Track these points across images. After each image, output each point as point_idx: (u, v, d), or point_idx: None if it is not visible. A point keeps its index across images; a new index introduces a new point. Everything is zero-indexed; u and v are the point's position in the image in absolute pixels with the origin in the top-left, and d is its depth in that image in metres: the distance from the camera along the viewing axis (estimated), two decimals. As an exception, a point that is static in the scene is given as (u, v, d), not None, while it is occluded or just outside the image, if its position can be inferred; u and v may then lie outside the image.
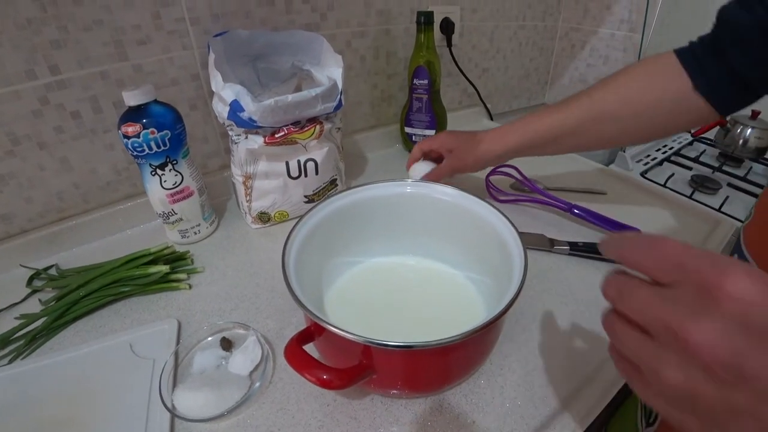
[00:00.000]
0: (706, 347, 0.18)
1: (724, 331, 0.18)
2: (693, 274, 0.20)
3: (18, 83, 0.53)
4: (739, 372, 0.18)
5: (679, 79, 0.47)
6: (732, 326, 0.18)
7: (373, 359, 0.34)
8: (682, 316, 0.19)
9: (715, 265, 0.19)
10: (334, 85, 0.58)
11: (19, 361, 0.46)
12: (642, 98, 0.49)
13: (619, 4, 1.02)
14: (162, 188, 0.57)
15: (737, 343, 0.18)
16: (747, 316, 0.18)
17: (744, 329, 0.18)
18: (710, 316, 0.19)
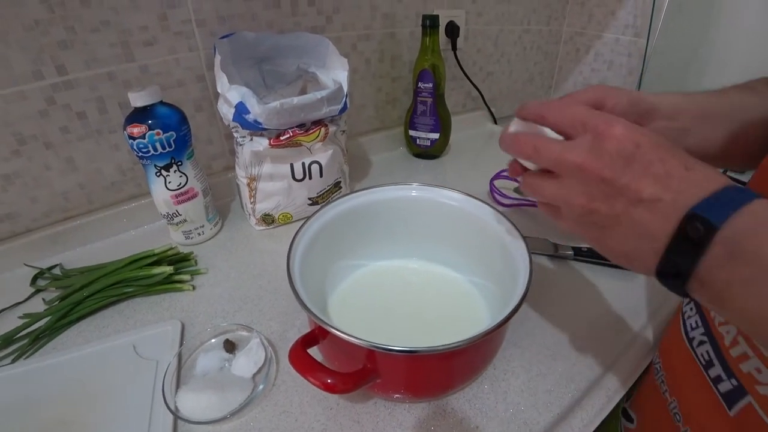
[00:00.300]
0: (598, 171, 0.27)
1: (603, 160, 0.27)
2: (591, 127, 0.28)
3: (25, 83, 0.54)
4: (617, 185, 0.27)
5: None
6: (613, 157, 0.27)
7: (378, 364, 0.34)
8: (583, 152, 0.28)
9: (605, 120, 0.28)
10: (340, 88, 0.58)
11: (22, 360, 0.46)
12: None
13: (624, 9, 1.02)
14: (167, 189, 0.57)
15: (616, 165, 0.27)
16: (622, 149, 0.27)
17: (619, 157, 0.27)
18: (600, 154, 0.27)
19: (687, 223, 0.24)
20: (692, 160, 0.26)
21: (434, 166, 0.88)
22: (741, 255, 0.22)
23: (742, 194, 0.24)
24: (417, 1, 0.84)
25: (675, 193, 0.25)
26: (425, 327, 0.46)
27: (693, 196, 0.24)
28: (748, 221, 0.23)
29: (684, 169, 0.26)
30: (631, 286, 0.55)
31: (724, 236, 0.23)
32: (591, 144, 0.28)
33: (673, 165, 0.26)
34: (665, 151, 0.26)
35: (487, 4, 0.96)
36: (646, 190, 0.26)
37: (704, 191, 0.24)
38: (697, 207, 0.24)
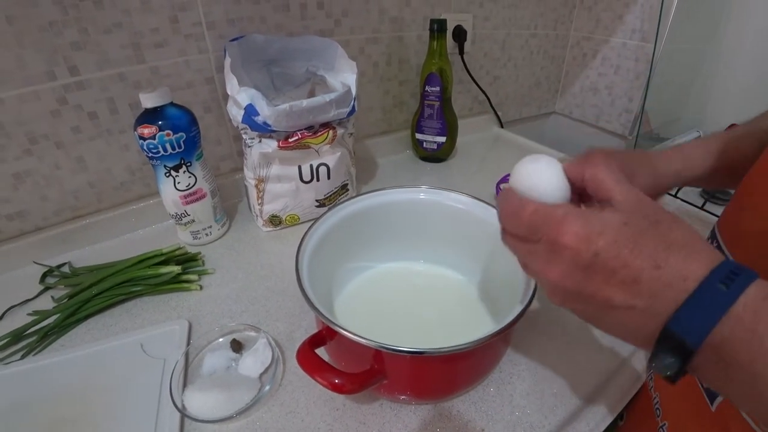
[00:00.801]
0: (561, 284, 0.27)
1: (563, 272, 0.26)
2: (543, 236, 0.27)
3: (38, 84, 0.54)
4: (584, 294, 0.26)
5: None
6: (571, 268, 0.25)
7: (385, 364, 0.34)
8: (542, 262, 0.27)
9: (554, 226, 0.26)
10: (348, 91, 0.59)
11: (30, 357, 0.47)
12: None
13: (631, 14, 1.02)
14: (175, 190, 0.57)
15: (576, 277, 0.25)
16: (579, 260, 0.25)
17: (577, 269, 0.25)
18: (557, 264, 0.26)
19: (662, 341, 0.23)
20: (663, 250, 0.23)
21: (441, 170, 0.88)
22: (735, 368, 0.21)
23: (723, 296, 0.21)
24: (425, 5, 0.84)
25: (648, 298, 0.23)
26: (431, 329, 0.46)
27: (667, 301, 0.22)
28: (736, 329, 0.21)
29: (653, 269, 0.23)
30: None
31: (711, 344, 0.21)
32: (547, 255, 0.27)
33: (640, 267, 0.23)
34: (628, 252, 0.24)
35: (495, 9, 0.96)
36: (616, 298, 0.24)
37: (679, 295, 0.22)
38: (673, 322, 0.22)
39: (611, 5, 1.05)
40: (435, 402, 0.41)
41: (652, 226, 0.25)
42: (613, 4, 1.05)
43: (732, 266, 0.22)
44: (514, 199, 0.29)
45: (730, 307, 0.21)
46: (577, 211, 0.26)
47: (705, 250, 0.24)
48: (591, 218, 0.25)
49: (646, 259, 0.23)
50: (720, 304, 0.21)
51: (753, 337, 0.20)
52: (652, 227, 0.25)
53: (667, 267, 0.23)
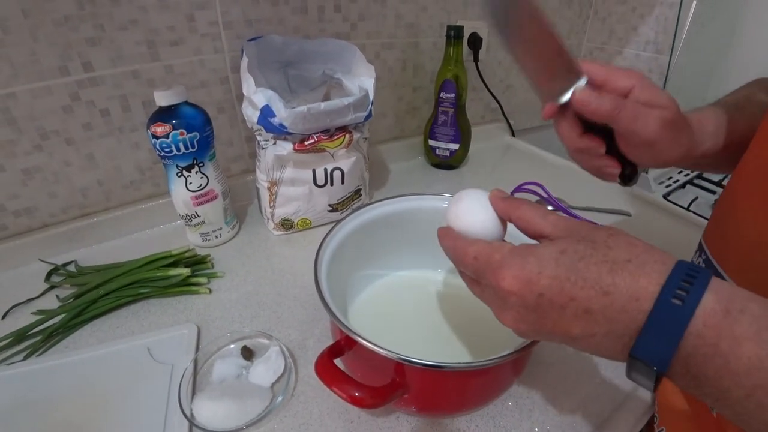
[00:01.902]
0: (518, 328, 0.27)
1: (515, 317, 0.26)
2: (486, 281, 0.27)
3: (51, 79, 0.53)
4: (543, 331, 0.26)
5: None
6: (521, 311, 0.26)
7: (407, 378, 0.33)
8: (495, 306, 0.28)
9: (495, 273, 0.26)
10: (366, 95, 0.58)
11: (34, 357, 0.45)
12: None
13: (645, 25, 1.02)
14: (187, 190, 0.56)
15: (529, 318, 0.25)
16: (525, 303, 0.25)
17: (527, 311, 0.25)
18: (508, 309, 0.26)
19: (631, 367, 0.23)
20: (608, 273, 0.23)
21: (453, 177, 0.87)
22: (704, 380, 0.21)
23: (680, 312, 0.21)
24: (441, 12, 0.83)
25: (605, 324, 0.23)
26: (448, 341, 0.45)
27: (626, 324, 0.22)
28: (699, 347, 0.20)
29: (602, 296, 0.23)
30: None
31: (678, 357, 0.21)
32: (497, 300, 0.27)
33: (587, 297, 0.23)
34: (571, 285, 0.23)
35: (510, 17, 0.95)
36: (574, 330, 0.24)
37: (636, 317, 0.22)
38: (636, 349, 0.22)
39: (625, 16, 1.05)
40: (453, 416, 0.40)
41: (590, 248, 0.24)
42: (628, 15, 1.04)
43: (682, 274, 0.22)
44: (457, 243, 0.30)
45: (688, 322, 0.21)
46: (514, 252, 0.26)
47: (649, 261, 0.23)
48: (527, 258, 0.25)
49: (592, 288, 0.23)
50: (678, 323, 0.21)
51: (716, 354, 0.20)
52: (590, 249, 0.24)
53: (616, 292, 0.22)
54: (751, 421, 0.20)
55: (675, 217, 0.76)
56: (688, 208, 0.89)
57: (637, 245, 0.24)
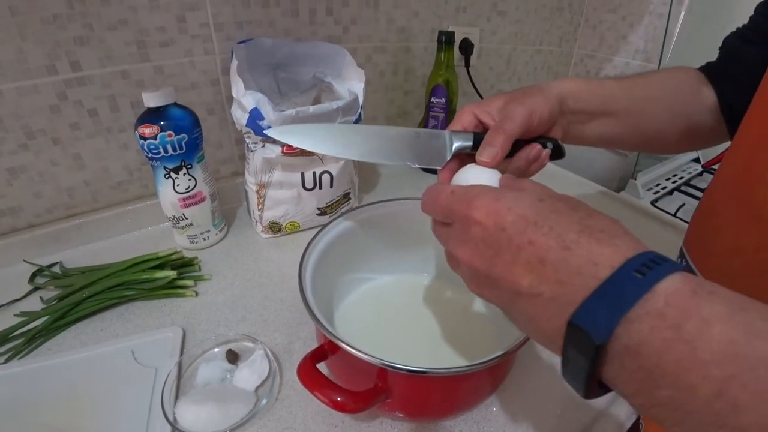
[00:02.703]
0: (469, 264, 0.25)
1: (472, 251, 0.25)
2: (455, 216, 0.26)
3: (38, 77, 0.53)
4: (492, 276, 0.24)
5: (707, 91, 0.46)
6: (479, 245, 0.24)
7: (389, 383, 0.33)
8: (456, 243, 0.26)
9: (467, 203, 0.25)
10: (355, 99, 0.58)
11: (15, 360, 0.45)
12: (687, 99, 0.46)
13: (635, 34, 1.03)
14: (174, 192, 0.56)
15: (485, 255, 0.24)
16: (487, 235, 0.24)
17: (485, 246, 0.24)
18: (468, 242, 0.25)
19: (569, 336, 0.20)
20: (576, 232, 0.21)
21: (442, 181, 0.87)
22: (660, 377, 0.17)
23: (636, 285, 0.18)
24: (433, 17, 0.84)
25: (554, 284, 0.21)
26: (433, 345, 0.45)
27: (576, 290, 0.20)
28: (657, 328, 0.17)
29: (561, 249, 0.21)
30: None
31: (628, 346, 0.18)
32: (460, 234, 0.26)
33: (547, 247, 0.21)
34: (535, 228, 0.22)
35: (502, 24, 0.96)
36: (522, 282, 0.22)
37: (589, 283, 0.20)
38: (577, 314, 0.19)
39: (615, 25, 1.06)
40: (438, 421, 0.40)
41: (570, 209, 0.23)
42: (618, 24, 1.06)
43: (654, 256, 0.19)
44: (436, 186, 0.30)
45: (643, 295, 0.18)
46: (492, 189, 0.26)
47: (625, 238, 0.21)
48: (505, 193, 0.25)
49: (554, 238, 0.21)
50: (632, 294, 0.18)
51: (679, 338, 0.17)
52: (569, 209, 0.23)
53: (576, 249, 0.21)
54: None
55: (662, 223, 0.77)
56: (675, 214, 0.90)
57: (618, 226, 0.22)
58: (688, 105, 0.46)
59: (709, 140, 0.50)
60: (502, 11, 0.95)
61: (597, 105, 0.43)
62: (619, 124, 0.44)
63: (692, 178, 1.09)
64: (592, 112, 0.43)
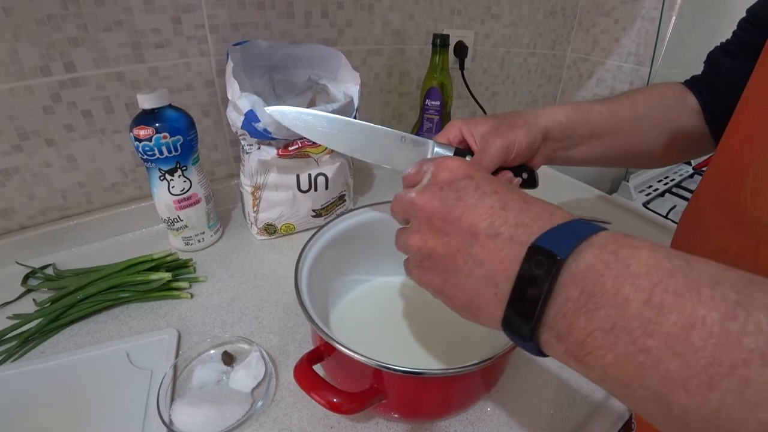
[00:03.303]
0: (427, 205, 0.26)
1: (434, 193, 0.26)
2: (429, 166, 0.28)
3: (32, 78, 0.53)
4: (449, 218, 0.25)
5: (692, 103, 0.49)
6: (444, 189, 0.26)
7: (385, 384, 0.33)
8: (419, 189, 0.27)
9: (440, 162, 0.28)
10: (351, 101, 0.58)
11: (9, 363, 0.45)
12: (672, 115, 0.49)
13: (627, 37, 1.04)
14: (169, 194, 0.56)
15: (448, 198, 0.25)
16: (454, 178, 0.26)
17: (450, 189, 0.26)
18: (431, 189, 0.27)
19: (529, 258, 0.21)
20: (531, 196, 0.25)
21: (437, 183, 0.88)
22: (599, 296, 0.19)
23: (588, 226, 0.22)
24: (428, 20, 0.85)
25: (513, 227, 0.23)
26: (428, 346, 0.45)
27: (534, 230, 0.22)
28: (600, 255, 0.20)
29: (523, 203, 0.24)
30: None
31: (575, 273, 0.20)
32: (427, 181, 0.28)
33: (510, 198, 0.24)
34: (500, 184, 0.25)
35: (496, 27, 0.97)
36: (481, 223, 0.23)
37: (546, 224, 0.22)
38: (540, 239, 0.21)
39: (608, 28, 1.08)
40: (433, 421, 0.40)
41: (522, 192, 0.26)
42: (611, 27, 1.07)
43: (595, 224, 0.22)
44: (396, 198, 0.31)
45: (592, 235, 0.21)
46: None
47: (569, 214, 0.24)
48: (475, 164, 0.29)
49: (518, 194, 0.25)
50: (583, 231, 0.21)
51: (616, 259, 0.20)
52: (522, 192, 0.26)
53: (534, 204, 0.24)
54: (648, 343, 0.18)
55: (654, 224, 0.78)
56: (666, 216, 0.91)
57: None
58: (673, 117, 0.48)
59: (694, 150, 0.52)
60: (496, 14, 0.95)
61: (585, 132, 0.45)
62: (605, 145, 0.47)
63: (683, 180, 1.11)
64: (579, 139, 0.45)
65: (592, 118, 0.45)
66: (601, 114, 0.46)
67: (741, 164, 0.32)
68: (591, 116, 0.45)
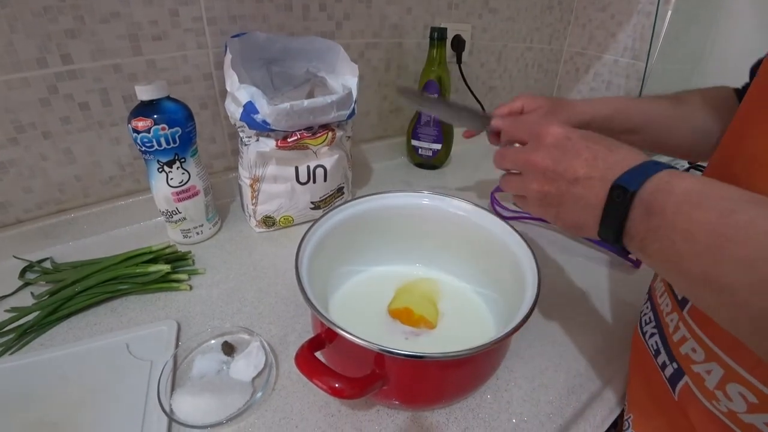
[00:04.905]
0: (541, 162, 0.35)
1: (546, 153, 0.35)
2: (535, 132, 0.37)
3: (28, 70, 0.52)
4: (558, 170, 0.34)
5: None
6: (550, 149, 0.35)
7: (386, 369, 0.33)
8: (530, 150, 0.37)
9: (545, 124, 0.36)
10: (349, 93, 0.58)
11: (7, 356, 0.44)
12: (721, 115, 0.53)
13: (624, 32, 1.05)
14: (168, 186, 0.55)
15: (553, 155, 0.34)
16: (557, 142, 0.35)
17: (555, 149, 0.35)
18: (541, 149, 0.36)
19: (612, 192, 0.30)
20: (615, 143, 0.33)
21: (435, 177, 0.88)
22: (652, 210, 0.27)
23: (653, 166, 0.29)
24: (425, 14, 0.85)
25: (602, 170, 0.31)
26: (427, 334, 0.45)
27: (616, 171, 0.30)
28: (657, 184, 0.28)
29: (608, 152, 0.32)
30: (630, 300, 0.55)
31: (641, 198, 0.28)
32: (536, 144, 0.36)
33: (598, 150, 0.32)
34: (591, 140, 0.34)
35: (493, 21, 0.97)
36: (579, 171, 0.32)
37: (624, 167, 0.30)
38: (618, 179, 0.30)
39: (605, 23, 1.08)
40: (433, 408, 0.41)
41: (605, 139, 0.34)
42: (607, 22, 1.07)
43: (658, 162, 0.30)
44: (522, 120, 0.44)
45: (655, 173, 0.28)
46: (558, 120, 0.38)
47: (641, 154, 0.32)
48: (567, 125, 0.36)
49: (604, 145, 0.33)
50: (650, 171, 0.29)
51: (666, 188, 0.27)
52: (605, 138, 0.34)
53: (617, 152, 0.32)
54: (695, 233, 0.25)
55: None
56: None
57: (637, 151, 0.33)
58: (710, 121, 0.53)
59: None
60: (493, 8, 0.96)
61: (626, 126, 0.54)
62: (641, 139, 0.55)
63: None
64: (619, 131, 0.54)
65: (632, 113, 0.54)
66: (642, 110, 0.54)
67: (725, 160, 0.33)
68: (632, 111, 0.54)
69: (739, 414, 0.29)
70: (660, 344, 0.38)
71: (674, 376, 0.35)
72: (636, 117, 0.54)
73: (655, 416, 0.38)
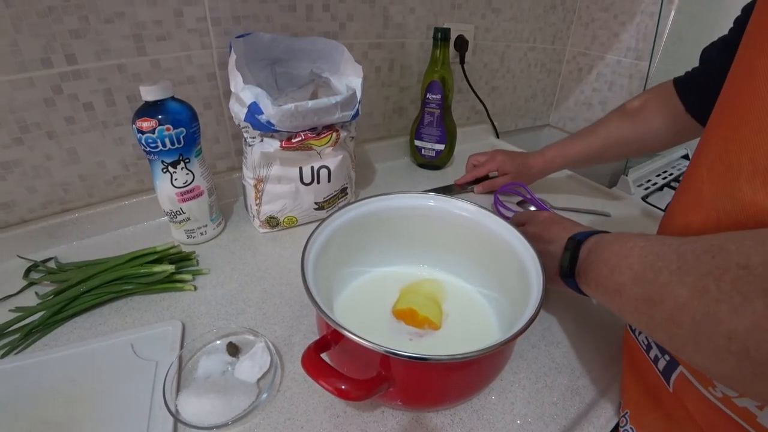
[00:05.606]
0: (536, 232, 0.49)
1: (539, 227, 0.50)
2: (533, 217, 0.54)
3: (33, 70, 0.52)
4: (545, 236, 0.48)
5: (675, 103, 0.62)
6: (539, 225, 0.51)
7: (392, 371, 0.33)
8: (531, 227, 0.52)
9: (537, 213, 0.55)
10: (353, 94, 0.58)
11: (12, 356, 0.44)
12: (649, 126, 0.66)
13: (626, 32, 1.05)
14: (172, 186, 0.56)
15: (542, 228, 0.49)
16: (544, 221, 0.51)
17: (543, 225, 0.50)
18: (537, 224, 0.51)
19: (568, 242, 0.43)
20: (578, 223, 0.49)
21: (438, 177, 0.88)
22: (591, 254, 0.39)
23: (595, 231, 0.43)
24: (429, 14, 0.85)
25: (567, 233, 0.45)
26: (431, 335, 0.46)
27: (574, 232, 0.44)
28: (595, 239, 0.40)
29: (574, 225, 0.48)
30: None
31: (586, 247, 0.40)
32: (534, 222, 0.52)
33: (566, 225, 0.48)
34: (563, 219, 0.50)
35: (496, 21, 0.97)
36: (554, 235, 0.47)
37: (578, 230, 0.45)
38: (573, 236, 0.43)
39: (607, 23, 1.08)
40: (438, 410, 0.41)
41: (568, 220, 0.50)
42: (610, 22, 1.07)
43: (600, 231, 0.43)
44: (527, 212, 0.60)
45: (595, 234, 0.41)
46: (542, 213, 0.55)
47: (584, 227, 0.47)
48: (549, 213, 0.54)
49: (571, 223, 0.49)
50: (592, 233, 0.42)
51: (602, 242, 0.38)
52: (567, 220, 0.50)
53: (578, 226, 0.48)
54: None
55: (652, 218, 0.79)
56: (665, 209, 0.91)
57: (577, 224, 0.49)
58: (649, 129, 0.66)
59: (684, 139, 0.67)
60: (496, 9, 0.96)
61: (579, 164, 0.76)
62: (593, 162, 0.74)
63: (681, 174, 1.11)
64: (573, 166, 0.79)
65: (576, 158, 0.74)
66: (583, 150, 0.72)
67: (703, 149, 0.34)
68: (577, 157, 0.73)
69: (733, 398, 0.30)
70: (650, 339, 0.39)
71: (668, 367, 0.36)
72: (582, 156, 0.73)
73: (650, 410, 0.38)
